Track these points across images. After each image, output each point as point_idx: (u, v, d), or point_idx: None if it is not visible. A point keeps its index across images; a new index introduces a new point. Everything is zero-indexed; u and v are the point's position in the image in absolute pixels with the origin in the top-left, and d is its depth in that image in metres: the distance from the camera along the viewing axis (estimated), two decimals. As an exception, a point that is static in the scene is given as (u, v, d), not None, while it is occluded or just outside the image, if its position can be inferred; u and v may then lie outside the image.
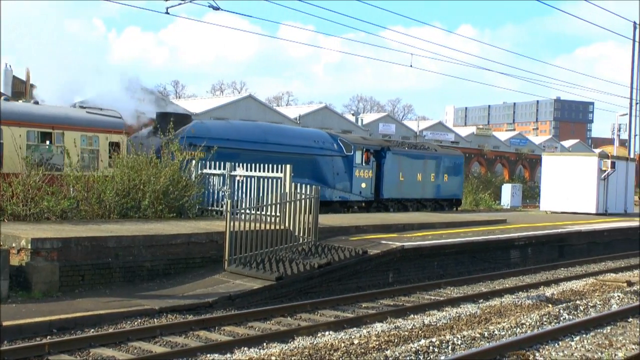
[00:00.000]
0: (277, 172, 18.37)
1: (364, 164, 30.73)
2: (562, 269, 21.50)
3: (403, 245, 17.56)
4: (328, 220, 20.82)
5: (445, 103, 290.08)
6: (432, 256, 18.84)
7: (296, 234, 16.90)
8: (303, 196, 16.99)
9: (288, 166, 18.33)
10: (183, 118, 25.14)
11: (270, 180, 18.45)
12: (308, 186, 17.25)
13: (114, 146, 21.44)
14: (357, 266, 16.30)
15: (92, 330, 11.17)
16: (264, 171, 18.75)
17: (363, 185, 30.70)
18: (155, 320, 11.97)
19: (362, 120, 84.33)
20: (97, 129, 20.71)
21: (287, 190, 17.52)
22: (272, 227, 16.33)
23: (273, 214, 16.90)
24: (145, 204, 18.35)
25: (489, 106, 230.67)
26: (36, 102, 21.91)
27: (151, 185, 18.38)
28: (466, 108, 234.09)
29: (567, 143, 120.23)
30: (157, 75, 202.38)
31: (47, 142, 20.28)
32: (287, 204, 17.04)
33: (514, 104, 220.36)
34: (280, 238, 16.41)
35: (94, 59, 25.95)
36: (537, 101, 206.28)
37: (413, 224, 22.23)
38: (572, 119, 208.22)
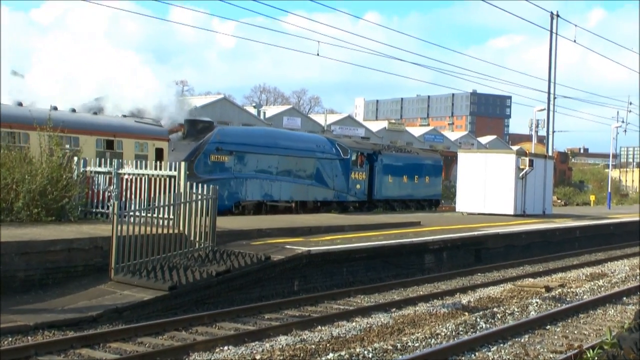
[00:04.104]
0: (170, 169, 18.13)
1: (359, 167, 35.58)
2: (479, 274, 22.05)
3: (309, 250, 17.63)
4: (227, 223, 20.71)
5: (355, 95, 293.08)
6: (341, 262, 18.99)
7: (192, 238, 16.73)
8: (199, 197, 16.83)
9: (183, 163, 18.14)
10: (207, 124, 29.54)
11: (162, 179, 18.21)
12: (205, 186, 17.14)
13: (158, 152, 25.75)
14: (259, 273, 16.26)
15: (-44, 350, 10.73)
16: (155, 169, 18.49)
17: (358, 186, 35.61)
18: (29, 338, 11.60)
19: (264, 113, 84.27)
20: (146, 137, 25.27)
21: (182, 190, 17.32)
22: (165, 231, 16.11)
23: (166, 216, 16.69)
24: (18, 205, 17.78)
25: (402, 99, 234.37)
26: (95, 113, 25.59)
27: (26, 185, 17.81)
28: (377, 101, 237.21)
29: (484, 139, 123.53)
30: (31, 57, 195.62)
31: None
32: (182, 205, 16.85)
33: (429, 97, 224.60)
34: (174, 243, 16.21)
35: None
36: (453, 94, 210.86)
37: (320, 226, 22.36)
38: (489, 113, 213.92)
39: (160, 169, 18.38)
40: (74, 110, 24.96)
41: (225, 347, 11.57)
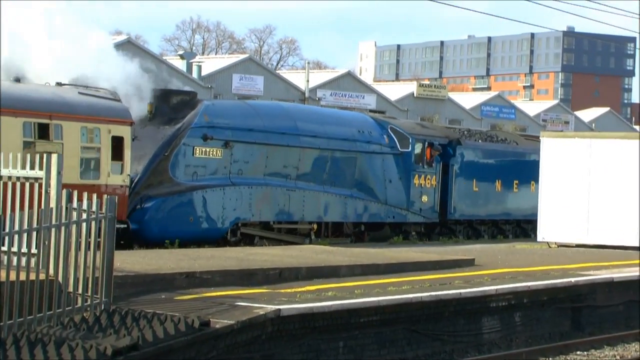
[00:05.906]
0: (32, 169, 18.06)
1: (425, 166, 36.56)
2: (578, 352, 22.07)
3: (279, 310, 17.61)
4: (134, 261, 20.69)
5: (359, 38, 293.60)
6: (335, 330, 19.01)
7: (71, 289, 16.68)
8: (84, 215, 16.78)
9: (54, 156, 18.05)
10: (188, 97, 30.92)
11: (19, 184, 18.14)
12: (94, 197, 17.07)
13: (117, 142, 27.42)
14: (190, 351, 16.24)
15: None
16: (6, 167, 18.44)
17: (424, 198, 36.67)
18: None
19: (199, 67, 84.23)
20: (98, 118, 26.77)
21: (54, 203, 17.27)
22: (23, 277, 16.05)
23: (24, 250, 16.62)
24: None
25: (442, 44, 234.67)
26: (18, 80, 27.04)
27: None
28: (399, 47, 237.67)
29: (588, 114, 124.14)
30: None
31: None
32: (52, 230, 16.78)
33: (489, 39, 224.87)
34: (40, 298, 16.15)
35: None
36: (532, 34, 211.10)
37: (299, 268, 22.39)
38: (596, 69, 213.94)
39: (15, 168, 18.30)
40: None
41: None
